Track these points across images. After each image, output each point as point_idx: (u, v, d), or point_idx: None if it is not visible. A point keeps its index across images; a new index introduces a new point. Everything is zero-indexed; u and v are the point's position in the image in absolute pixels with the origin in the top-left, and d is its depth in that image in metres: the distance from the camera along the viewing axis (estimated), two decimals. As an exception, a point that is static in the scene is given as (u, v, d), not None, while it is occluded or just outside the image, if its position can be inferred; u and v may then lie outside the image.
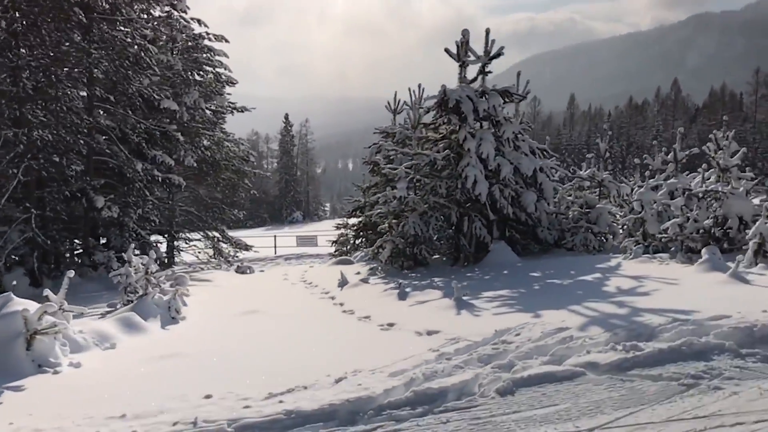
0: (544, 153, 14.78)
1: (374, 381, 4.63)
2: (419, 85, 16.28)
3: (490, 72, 13.19)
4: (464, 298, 8.31)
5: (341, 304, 9.46)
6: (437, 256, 14.06)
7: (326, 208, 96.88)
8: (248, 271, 18.50)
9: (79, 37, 15.34)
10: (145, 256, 9.79)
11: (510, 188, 13.06)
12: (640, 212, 11.73)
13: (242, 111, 23.92)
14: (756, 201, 11.23)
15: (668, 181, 12.16)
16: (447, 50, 12.97)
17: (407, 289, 9.74)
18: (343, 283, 11.57)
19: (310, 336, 6.90)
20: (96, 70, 15.64)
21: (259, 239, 29.90)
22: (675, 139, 13.41)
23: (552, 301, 7.56)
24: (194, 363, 5.83)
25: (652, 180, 13.06)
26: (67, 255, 16.96)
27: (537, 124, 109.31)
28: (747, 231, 9.68)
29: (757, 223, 8.99)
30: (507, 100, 13.44)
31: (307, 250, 26.40)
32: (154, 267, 9.54)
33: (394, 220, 12.80)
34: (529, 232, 14.03)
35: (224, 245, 22.64)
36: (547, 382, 4.64)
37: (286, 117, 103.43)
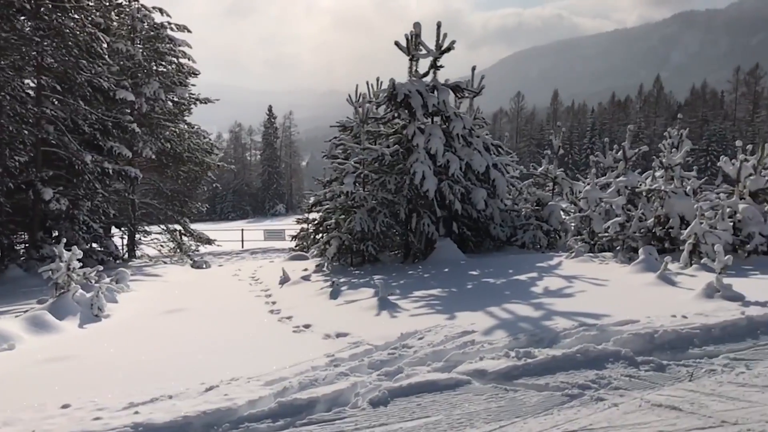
0: (500, 149, 14.62)
1: (244, 390, 4.40)
2: (377, 79, 16.01)
3: (442, 66, 12.93)
4: (390, 297, 8.11)
5: (273, 303, 9.21)
6: (391, 253, 13.85)
7: (310, 201, 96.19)
8: (204, 266, 18.17)
9: (27, 24, 14.89)
10: (68, 252, 9.44)
11: (460, 185, 12.87)
12: (586, 211, 11.60)
13: (205, 102, 23.49)
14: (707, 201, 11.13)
15: (617, 179, 12.02)
16: (397, 43, 12.70)
17: (343, 288, 9.52)
18: (284, 280, 11.32)
19: (219, 338, 6.64)
20: (42, 58, 15.19)
21: (232, 233, 29.58)
22: (656, 136, 13.33)
23: (475, 302, 7.37)
24: (81, 367, 5.56)
25: (603, 177, 12.96)
26: (21, 248, 16.58)
27: (521, 120, 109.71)
28: (687, 231, 9.57)
29: (692, 223, 8.87)
30: (459, 95, 13.25)
31: (274, 244, 26.11)
32: (77, 263, 9.21)
33: (341, 216, 12.56)
34: (482, 228, 13.87)
35: (186, 238, 22.32)
36: (426, 391, 4.43)
37: (270, 109, 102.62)
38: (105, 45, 17.25)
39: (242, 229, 28.65)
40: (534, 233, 12.95)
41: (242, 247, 27.36)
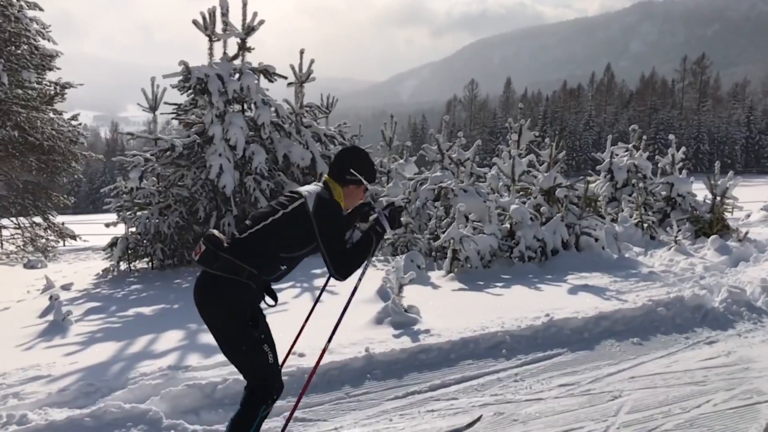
0: (334, 140, 13.47)
1: None
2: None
3: (251, 48, 11.70)
4: (81, 319, 6.90)
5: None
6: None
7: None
8: (39, 266, 16.61)
9: None
10: None
11: (271, 180, 11.68)
12: (388, 209, 10.53)
13: (68, 87, 21.79)
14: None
15: (433, 175, 10.99)
16: (195, 22, 11.38)
17: (78, 304, 8.27)
18: (48, 287, 9.99)
19: None
20: None
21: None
22: (606, 124, 12.37)
23: (163, 325, 6.20)
24: None
25: (428, 172, 11.93)
26: None
27: (474, 108, 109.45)
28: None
29: (450, 227, 7.85)
30: (271, 80, 12.02)
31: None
32: None
33: (128, 214, 11.29)
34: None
35: (44, 233, 20.71)
36: None
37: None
38: None
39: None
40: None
41: (127, 241, 25.74)
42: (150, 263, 11.58)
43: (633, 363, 4.56)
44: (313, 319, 5.95)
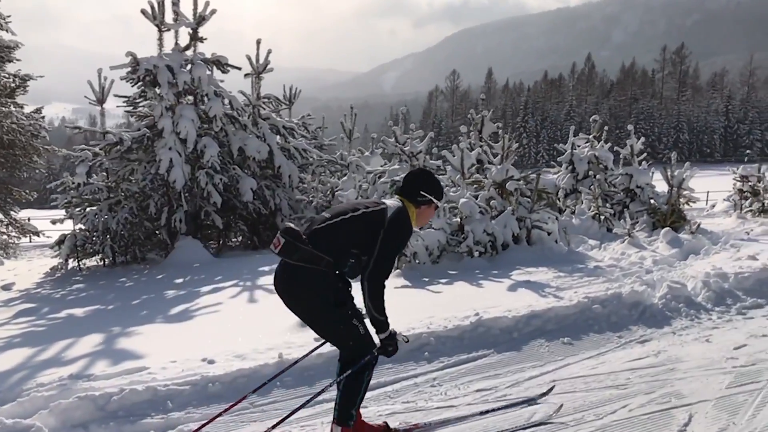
0: (293, 133, 13.18)
1: None
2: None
3: (204, 39, 11.36)
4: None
5: None
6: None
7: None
8: (-4, 264, 16.17)
9: None
10: None
11: (225, 174, 11.39)
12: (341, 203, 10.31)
13: (28, 79, 21.21)
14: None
15: (390, 169, 10.76)
16: (143, 11, 11.01)
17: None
18: (-9, 288, 9.65)
19: None
20: None
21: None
22: (587, 114, 12.12)
23: (83, 329, 5.93)
24: None
25: (388, 165, 11.69)
26: None
27: (456, 98, 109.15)
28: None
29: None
30: (224, 71, 11.70)
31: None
32: None
33: (76, 210, 10.96)
34: (269, 222, 12.49)
35: (5, 230, 20.18)
36: None
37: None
38: None
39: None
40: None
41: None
42: (102, 261, 11.27)
43: (558, 365, 4.39)
44: (230, 321, 5.79)
